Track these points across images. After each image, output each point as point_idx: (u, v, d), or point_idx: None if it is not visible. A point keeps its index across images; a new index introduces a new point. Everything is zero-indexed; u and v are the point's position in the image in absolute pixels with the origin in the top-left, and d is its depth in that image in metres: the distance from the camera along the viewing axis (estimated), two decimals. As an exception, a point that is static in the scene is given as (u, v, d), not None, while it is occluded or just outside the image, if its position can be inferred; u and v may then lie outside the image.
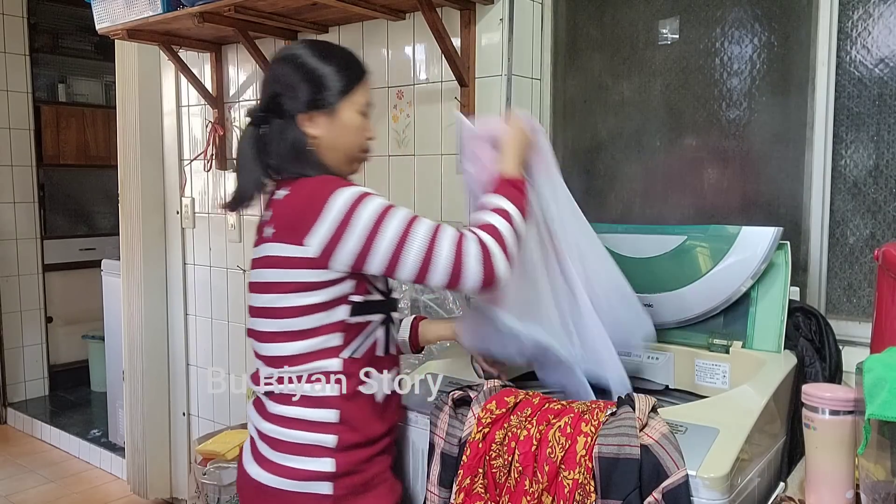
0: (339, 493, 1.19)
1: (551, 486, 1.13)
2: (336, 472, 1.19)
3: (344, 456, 1.20)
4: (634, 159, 1.99)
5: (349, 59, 1.30)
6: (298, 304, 1.19)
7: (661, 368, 1.58)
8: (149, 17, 2.15)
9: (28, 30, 4.37)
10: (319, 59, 1.26)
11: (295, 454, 1.20)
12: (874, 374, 0.97)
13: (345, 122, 1.27)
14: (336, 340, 1.21)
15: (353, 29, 2.28)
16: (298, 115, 1.25)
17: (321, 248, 1.15)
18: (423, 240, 1.14)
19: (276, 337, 1.23)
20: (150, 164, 2.95)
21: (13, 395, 4.35)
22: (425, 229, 1.16)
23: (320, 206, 1.15)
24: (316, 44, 1.31)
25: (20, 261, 4.40)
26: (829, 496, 1.07)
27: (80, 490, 3.34)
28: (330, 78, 1.25)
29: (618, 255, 1.64)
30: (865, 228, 1.66)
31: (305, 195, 1.19)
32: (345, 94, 1.26)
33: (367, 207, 1.15)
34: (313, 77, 1.25)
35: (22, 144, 4.37)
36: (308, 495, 1.19)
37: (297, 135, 1.25)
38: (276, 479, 1.21)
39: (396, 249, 1.14)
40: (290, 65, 1.27)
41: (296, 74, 1.25)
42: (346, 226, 1.14)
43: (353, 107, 1.27)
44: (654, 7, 1.93)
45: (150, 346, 3.01)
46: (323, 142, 1.26)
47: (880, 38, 1.62)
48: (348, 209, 1.14)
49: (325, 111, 1.25)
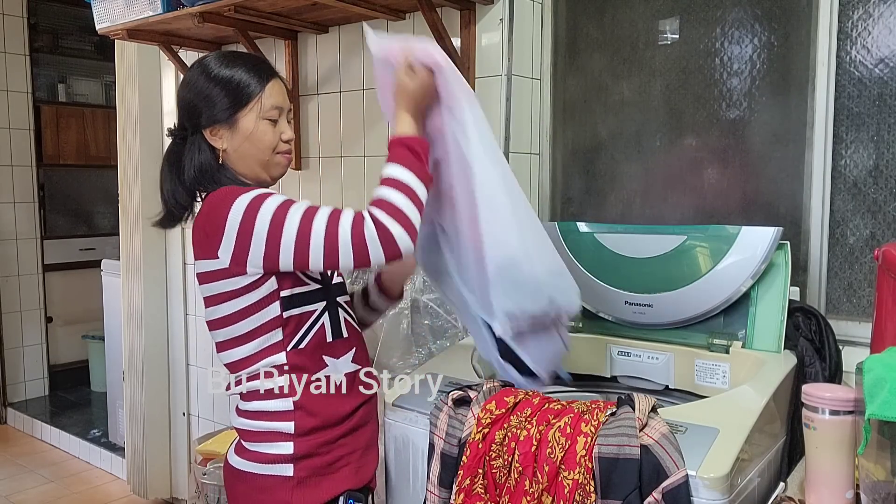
0: (300, 475, 1.26)
1: (551, 486, 1.13)
2: (295, 455, 1.26)
3: (302, 440, 1.26)
4: (634, 159, 1.99)
5: (248, 67, 1.31)
6: (231, 312, 1.25)
7: (661, 368, 1.58)
8: (149, 17, 2.15)
9: (28, 30, 4.37)
10: (213, 73, 1.29)
11: (260, 441, 1.28)
12: (874, 374, 0.97)
13: (247, 130, 1.29)
14: (277, 336, 1.26)
15: (353, 29, 2.28)
16: (203, 131, 1.29)
17: (232, 256, 1.20)
18: (322, 228, 1.16)
19: (225, 345, 1.30)
20: (150, 164, 2.95)
21: (13, 395, 4.35)
22: (323, 218, 1.17)
23: (223, 218, 1.19)
24: (216, 57, 1.33)
25: (20, 261, 4.40)
26: (829, 496, 1.07)
27: (80, 490, 3.34)
28: (222, 92, 1.28)
29: (618, 255, 1.65)
30: (865, 228, 1.66)
31: (208, 210, 1.24)
32: (239, 105, 1.28)
33: (265, 208, 1.18)
34: (205, 93, 1.28)
35: (22, 144, 4.37)
36: (273, 477, 1.27)
37: (203, 149, 1.30)
38: (247, 464, 1.29)
39: (300, 242, 1.16)
40: (190, 81, 1.31)
41: (193, 91, 1.30)
42: (249, 231, 1.17)
43: (254, 114, 1.29)
44: (654, 7, 1.93)
45: (150, 346, 3.01)
46: (231, 154, 1.30)
47: (880, 38, 1.62)
48: (247, 214, 1.18)
49: (223, 124, 1.28)
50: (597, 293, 1.66)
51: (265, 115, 1.29)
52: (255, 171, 1.32)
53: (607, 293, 1.64)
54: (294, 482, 1.26)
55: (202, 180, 1.30)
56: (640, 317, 1.60)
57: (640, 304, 1.59)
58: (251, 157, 1.30)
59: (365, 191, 2.29)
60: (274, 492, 1.26)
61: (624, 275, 1.62)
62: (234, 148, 1.29)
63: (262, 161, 1.31)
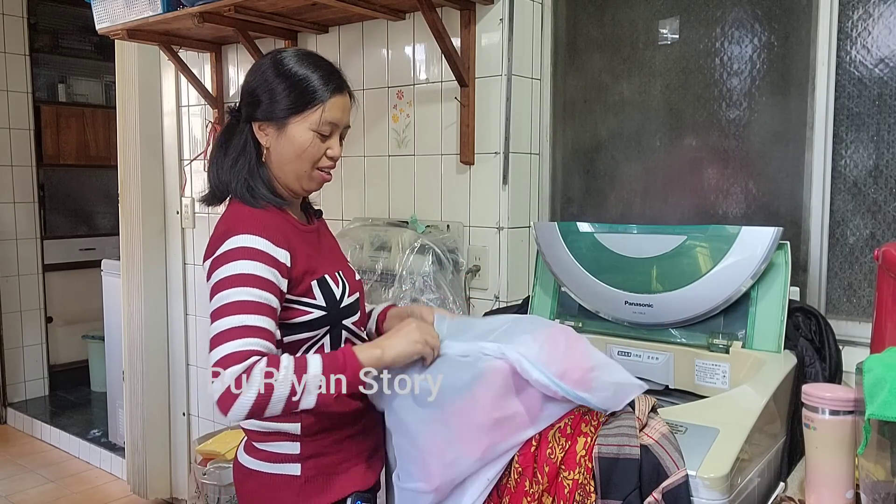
0: (307, 474, 1.26)
1: (551, 486, 1.13)
2: (301, 455, 1.26)
3: (309, 441, 1.27)
4: (634, 159, 1.99)
5: (321, 73, 1.25)
6: None
7: (661, 368, 1.58)
8: (149, 17, 2.15)
9: (28, 30, 4.37)
10: (284, 68, 1.24)
11: (268, 440, 1.28)
12: (874, 374, 0.97)
13: (293, 137, 1.24)
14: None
15: (353, 29, 2.28)
16: (253, 122, 1.26)
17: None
18: (222, 336, 1.10)
19: None
20: (150, 164, 2.95)
21: (13, 395, 4.35)
22: (227, 329, 1.10)
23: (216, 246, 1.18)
24: (293, 53, 1.28)
25: (20, 261, 4.40)
26: (829, 496, 1.07)
27: (80, 490, 3.34)
28: (286, 90, 1.23)
29: (618, 255, 1.64)
30: (865, 228, 1.66)
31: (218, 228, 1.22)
32: (297, 109, 1.23)
33: (225, 268, 1.15)
34: (269, 86, 1.24)
35: (22, 144, 4.37)
36: (281, 476, 1.27)
37: (248, 141, 1.27)
38: (256, 462, 1.29)
39: (212, 316, 1.13)
40: (259, 69, 1.27)
41: (259, 80, 1.26)
42: (213, 293, 1.15)
43: (306, 124, 1.23)
44: (654, 7, 1.93)
45: (150, 346, 3.01)
46: (271, 154, 1.27)
47: (880, 38, 1.62)
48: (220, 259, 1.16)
49: (273, 123, 1.24)
50: (597, 293, 1.65)
51: (317, 127, 1.24)
52: (289, 180, 1.28)
53: (607, 293, 1.64)
54: (301, 481, 1.26)
55: (239, 171, 1.26)
56: (640, 317, 1.60)
57: (640, 304, 1.59)
58: (289, 165, 1.26)
59: (365, 191, 2.29)
60: (282, 490, 1.27)
61: (624, 275, 1.62)
62: (276, 150, 1.25)
63: (299, 172, 1.27)
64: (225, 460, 2.08)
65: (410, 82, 2.16)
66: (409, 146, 2.17)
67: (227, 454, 2.09)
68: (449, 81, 2.04)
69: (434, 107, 2.11)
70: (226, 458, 2.08)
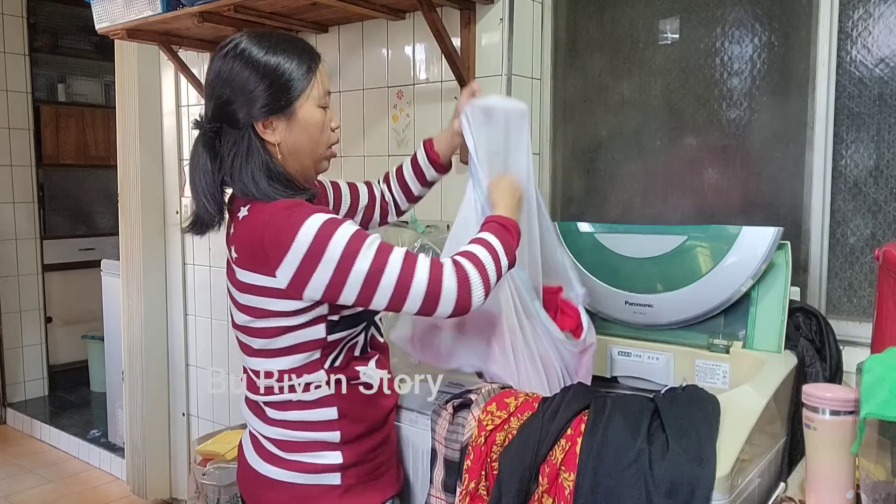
0: (347, 483, 1.22)
1: (552, 487, 1.13)
2: (344, 464, 1.21)
3: (350, 447, 1.22)
4: (634, 159, 1.99)
5: (300, 47, 1.18)
6: (273, 326, 1.17)
7: (661, 368, 1.58)
8: (148, 16, 2.15)
9: (28, 30, 4.37)
10: (271, 54, 1.14)
11: (305, 451, 1.22)
12: (874, 374, 0.97)
13: (305, 121, 1.17)
14: (316, 355, 1.19)
15: (353, 29, 2.28)
16: (255, 124, 1.15)
17: (291, 280, 1.10)
18: (396, 270, 1.09)
19: (259, 353, 1.22)
20: (149, 163, 2.95)
21: (13, 395, 4.35)
22: (398, 259, 1.10)
23: (289, 239, 1.08)
24: (254, 41, 1.16)
25: (20, 261, 4.40)
26: (830, 496, 1.07)
27: (80, 490, 3.34)
28: (286, 76, 1.14)
29: (618, 255, 1.64)
30: (866, 228, 1.66)
31: (269, 223, 1.11)
32: (298, 93, 1.15)
33: (338, 236, 1.08)
34: (251, 84, 1.13)
35: (21, 144, 4.37)
36: (319, 486, 1.21)
37: (255, 146, 1.16)
38: (287, 474, 1.22)
39: (370, 280, 1.08)
40: (239, 63, 1.14)
41: (233, 83, 1.14)
42: (317, 258, 1.07)
43: (312, 101, 1.17)
44: (654, 7, 1.93)
45: (149, 346, 3.01)
46: (284, 148, 1.17)
47: (880, 38, 1.62)
48: (318, 239, 1.07)
49: (280, 115, 1.15)
50: (597, 293, 1.65)
51: (320, 101, 1.18)
52: (306, 167, 1.21)
53: (607, 293, 1.64)
54: (342, 490, 1.21)
55: (251, 183, 1.15)
56: (640, 317, 1.60)
57: (641, 304, 1.59)
58: (305, 150, 1.19)
59: (365, 191, 2.28)
60: (318, 501, 1.21)
61: (624, 275, 1.62)
62: (289, 141, 1.17)
63: (316, 155, 1.21)
64: (225, 460, 2.07)
65: (410, 82, 2.16)
66: (409, 146, 2.17)
67: (227, 454, 2.08)
68: (449, 81, 2.04)
69: (434, 107, 2.10)
70: (226, 458, 2.07)
